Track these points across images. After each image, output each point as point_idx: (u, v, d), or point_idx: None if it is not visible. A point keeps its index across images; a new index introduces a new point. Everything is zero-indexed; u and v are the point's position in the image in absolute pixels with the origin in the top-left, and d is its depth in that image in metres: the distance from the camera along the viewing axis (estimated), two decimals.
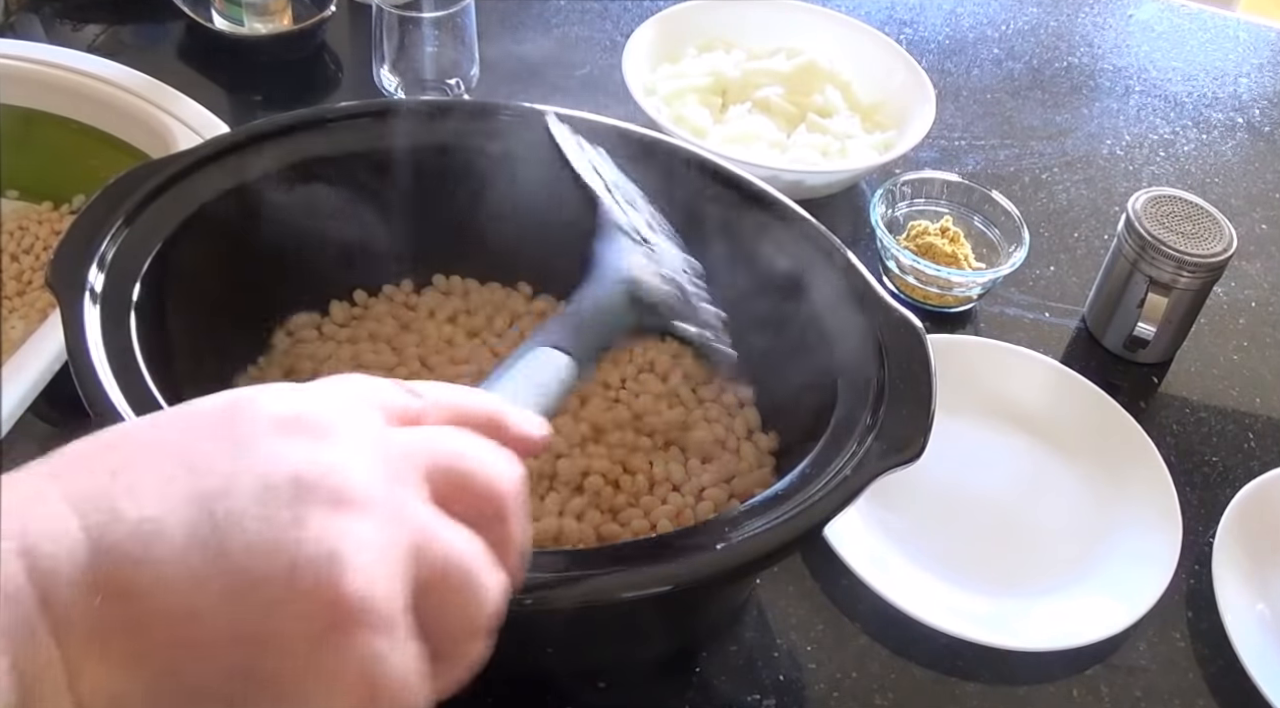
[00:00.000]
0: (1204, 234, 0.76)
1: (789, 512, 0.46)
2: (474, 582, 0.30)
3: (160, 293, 0.53)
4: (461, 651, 0.30)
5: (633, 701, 0.58)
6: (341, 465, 0.28)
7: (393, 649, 0.27)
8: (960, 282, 0.79)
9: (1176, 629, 0.65)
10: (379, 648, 0.27)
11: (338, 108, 0.64)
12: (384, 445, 0.30)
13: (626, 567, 0.44)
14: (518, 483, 0.32)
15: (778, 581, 0.63)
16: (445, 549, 0.29)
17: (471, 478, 0.31)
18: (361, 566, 0.27)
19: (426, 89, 0.88)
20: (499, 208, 0.66)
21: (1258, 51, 1.16)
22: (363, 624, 0.26)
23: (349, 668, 0.26)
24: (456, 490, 0.31)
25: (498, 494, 0.31)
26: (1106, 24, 1.17)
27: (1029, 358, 0.76)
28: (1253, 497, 0.68)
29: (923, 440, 0.50)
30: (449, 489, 0.30)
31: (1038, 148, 0.99)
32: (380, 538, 0.27)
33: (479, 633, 0.30)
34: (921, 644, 0.61)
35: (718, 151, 0.71)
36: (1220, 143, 1.03)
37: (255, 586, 0.26)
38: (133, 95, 0.75)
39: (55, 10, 0.96)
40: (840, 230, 0.62)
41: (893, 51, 0.96)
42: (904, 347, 0.54)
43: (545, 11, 1.05)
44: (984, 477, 0.71)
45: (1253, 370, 0.82)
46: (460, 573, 0.29)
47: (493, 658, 0.32)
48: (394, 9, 0.85)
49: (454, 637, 0.30)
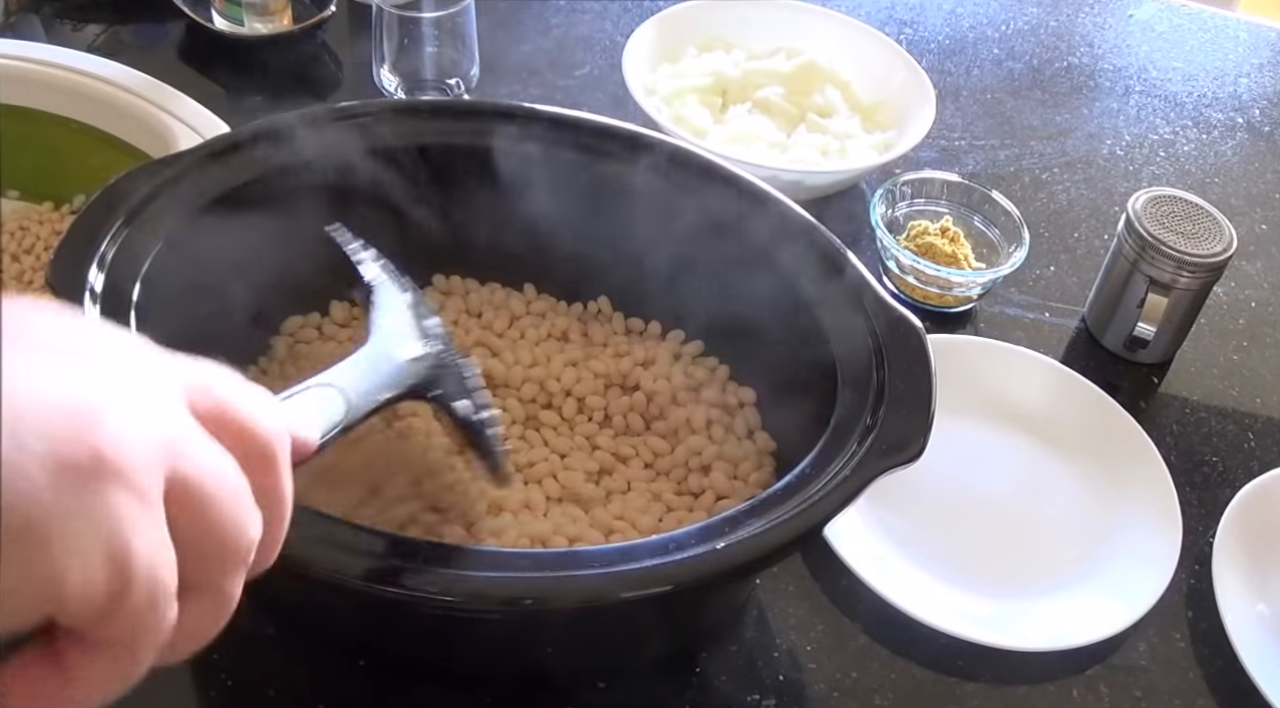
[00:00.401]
0: (1204, 234, 0.76)
1: (789, 512, 0.46)
2: (230, 500, 0.29)
3: (160, 293, 0.53)
4: (213, 578, 0.29)
5: (633, 701, 0.58)
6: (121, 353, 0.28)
7: (141, 515, 0.26)
8: (960, 282, 0.79)
9: (1176, 629, 0.65)
10: (128, 508, 0.26)
11: (338, 107, 0.64)
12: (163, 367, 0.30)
13: (626, 567, 0.44)
14: (284, 438, 0.32)
15: (778, 581, 0.63)
16: (203, 456, 0.29)
17: (240, 417, 0.30)
18: (120, 423, 0.26)
19: (426, 89, 0.88)
20: (499, 208, 0.66)
21: (1258, 51, 1.16)
22: (114, 480, 0.26)
23: (96, 520, 0.26)
24: (222, 425, 0.30)
25: (263, 437, 0.31)
26: (1106, 24, 1.17)
27: (1029, 358, 0.76)
28: (1253, 497, 0.68)
29: (923, 441, 0.50)
30: (215, 422, 0.30)
31: (1038, 148, 0.99)
32: (142, 414, 0.27)
33: (232, 563, 0.29)
34: (921, 644, 0.61)
35: (718, 151, 0.71)
36: (1220, 143, 1.03)
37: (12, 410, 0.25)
38: (133, 95, 0.75)
39: (55, 10, 0.96)
40: (840, 230, 0.62)
41: (893, 51, 0.96)
42: (904, 347, 0.54)
43: (545, 11, 1.05)
44: (984, 477, 0.71)
45: (1253, 370, 0.82)
46: (215, 485, 0.29)
47: (493, 658, 0.32)
48: (394, 9, 0.85)
49: (204, 556, 0.29)
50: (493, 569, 0.43)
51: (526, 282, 0.70)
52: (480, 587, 0.43)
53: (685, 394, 0.64)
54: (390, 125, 0.63)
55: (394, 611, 0.49)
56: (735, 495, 0.59)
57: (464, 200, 0.65)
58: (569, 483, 0.59)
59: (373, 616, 0.52)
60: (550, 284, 0.70)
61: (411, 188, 0.64)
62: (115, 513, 0.26)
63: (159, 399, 0.28)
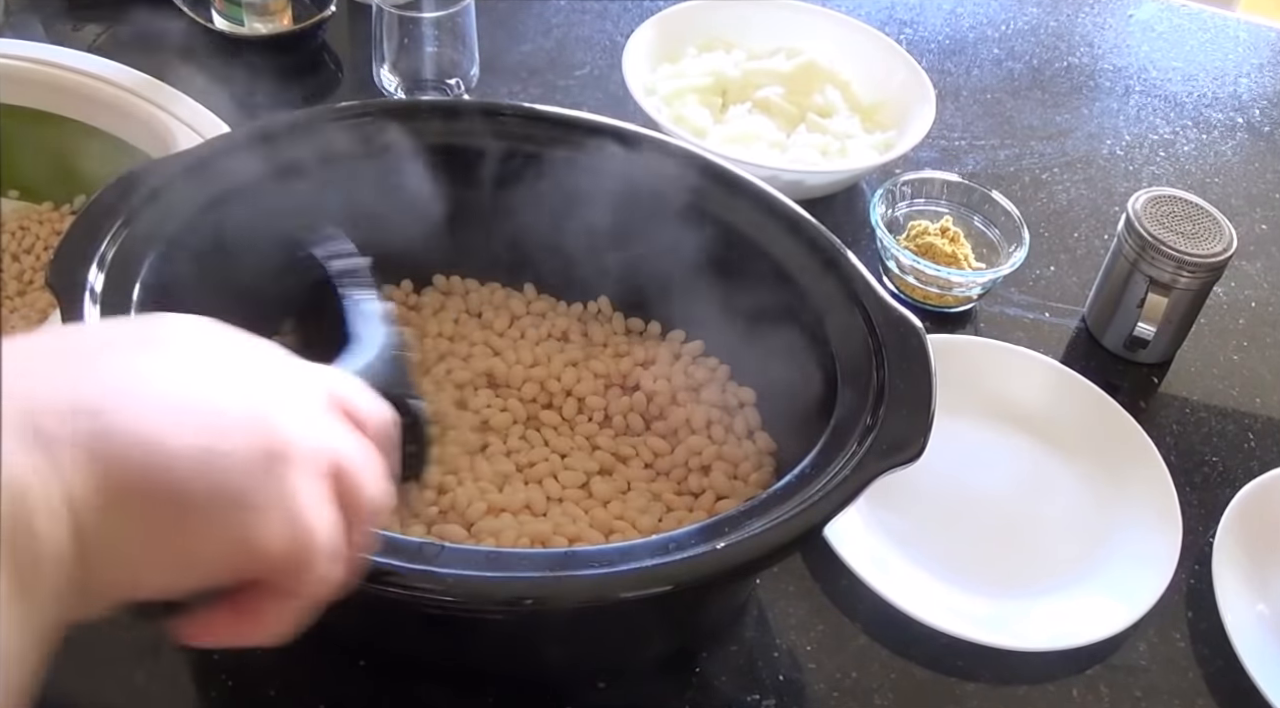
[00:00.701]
0: (1204, 234, 0.76)
1: (789, 512, 0.46)
2: (374, 476, 0.37)
3: (160, 293, 0.53)
4: (355, 532, 0.36)
5: (633, 701, 0.58)
6: (299, 385, 0.36)
7: (314, 491, 0.34)
8: (960, 282, 0.79)
9: (1176, 629, 0.65)
10: (305, 486, 0.33)
11: (338, 108, 0.64)
12: (305, 372, 0.37)
13: (626, 567, 0.44)
14: (391, 424, 0.40)
15: (778, 581, 0.63)
16: (351, 443, 0.36)
17: (361, 411, 0.38)
18: (292, 421, 0.34)
19: (426, 89, 0.88)
20: (500, 208, 0.66)
21: (1258, 51, 1.16)
22: (293, 465, 0.33)
23: (283, 496, 0.32)
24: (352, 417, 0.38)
25: (382, 424, 0.39)
26: (1106, 24, 1.17)
27: (1029, 358, 0.76)
28: (1253, 497, 0.68)
29: (923, 441, 0.50)
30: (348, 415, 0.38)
31: (1038, 148, 0.99)
32: (306, 413, 0.35)
33: (368, 520, 0.37)
34: (921, 644, 0.61)
35: (718, 151, 0.71)
36: (1220, 143, 1.03)
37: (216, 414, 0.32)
38: (133, 95, 0.75)
39: (55, 10, 0.96)
40: (840, 230, 0.62)
41: (893, 51, 0.96)
42: (904, 347, 0.54)
43: (545, 11, 1.05)
44: (984, 477, 0.71)
45: (1253, 370, 0.82)
46: (363, 465, 0.36)
47: (493, 658, 0.32)
48: (394, 9, 0.85)
49: (357, 521, 0.36)
50: (493, 569, 0.43)
51: (526, 282, 0.70)
52: (480, 587, 0.43)
53: (685, 394, 0.64)
54: (390, 126, 0.63)
55: (394, 611, 0.49)
56: (735, 496, 0.59)
57: (464, 200, 0.65)
58: (569, 483, 0.60)
59: (373, 615, 0.52)
60: (550, 284, 0.70)
61: (412, 187, 0.64)
62: (295, 489, 0.33)
63: (313, 400, 0.36)
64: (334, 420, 0.36)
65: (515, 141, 0.65)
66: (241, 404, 0.33)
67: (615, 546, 0.46)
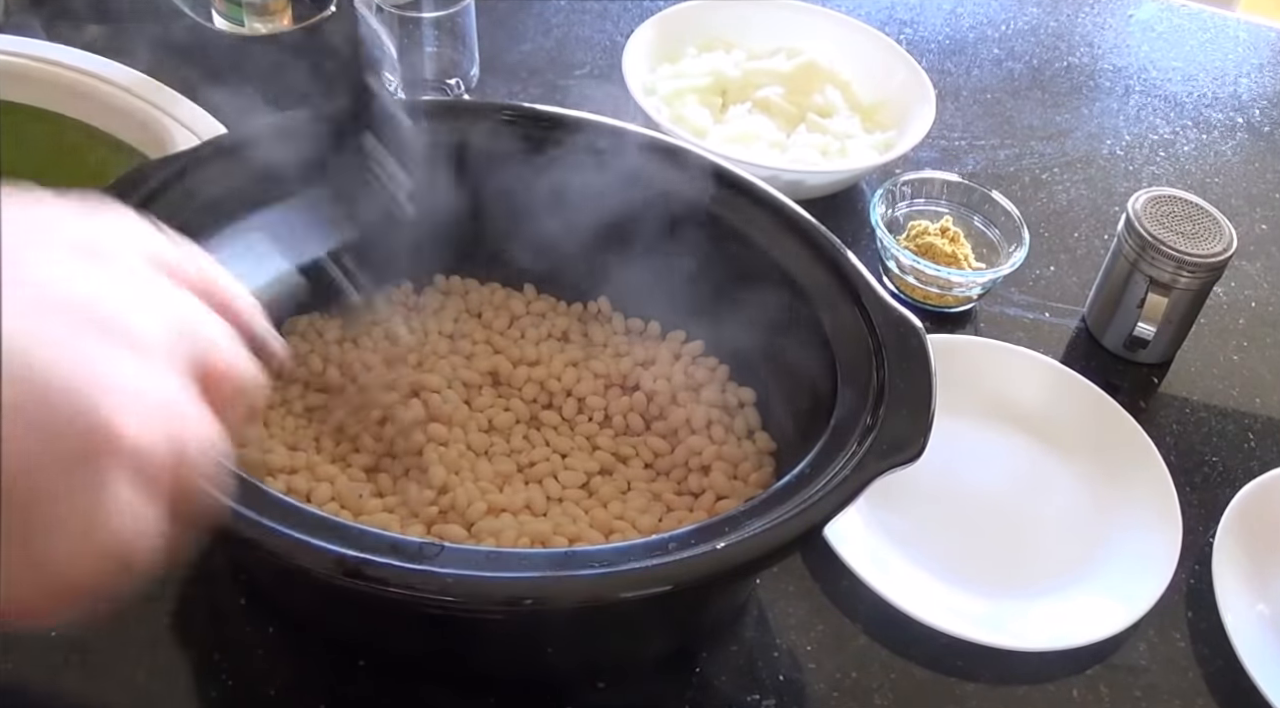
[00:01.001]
0: (1204, 234, 0.76)
1: (789, 512, 0.46)
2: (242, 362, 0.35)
3: None
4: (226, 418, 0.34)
5: (633, 701, 0.58)
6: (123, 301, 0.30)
7: (134, 496, 0.28)
8: (960, 282, 0.79)
9: (1176, 629, 0.65)
10: (123, 491, 0.27)
11: (338, 108, 0.64)
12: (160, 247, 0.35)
13: (626, 567, 0.44)
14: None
15: (778, 581, 0.63)
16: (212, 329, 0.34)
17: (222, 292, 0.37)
18: (120, 402, 0.27)
19: (426, 89, 0.88)
20: (500, 208, 0.66)
21: (1258, 51, 1.16)
22: (115, 461, 0.27)
23: (97, 499, 0.27)
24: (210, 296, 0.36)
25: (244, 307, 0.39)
26: (1106, 24, 1.17)
27: (1029, 358, 0.76)
28: (1253, 497, 0.68)
29: (923, 441, 0.50)
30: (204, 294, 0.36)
31: (1038, 148, 0.99)
32: (145, 379, 0.29)
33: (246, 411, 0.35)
34: (921, 644, 0.61)
35: (718, 152, 0.71)
36: (1220, 143, 1.03)
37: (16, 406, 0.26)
38: (133, 95, 0.75)
39: (55, 9, 0.96)
40: (840, 230, 0.62)
41: (893, 51, 0.96)
42: (904, 347, 0.54)
43: (545, 11, 1.05)
44: (984, 477, 0.71)
45: (1253, 370, 0.82)
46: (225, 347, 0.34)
47: (493, 658, 0.32)
48: (394, 9, 0.85)
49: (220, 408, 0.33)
50: (493, 569, 0.43)
51: (526, 282, 0.70)
52: (480, 587, 0.43)
53: (685, 394, 0.64)
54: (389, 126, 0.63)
55: (394, 611, 0.49)
56: (735, 496, 0.59)
57: (464, 200, 0.65)
58: (569, 483, 0.59)
59: (373, 616, 0.52)
60: (550, 284, 0.70)
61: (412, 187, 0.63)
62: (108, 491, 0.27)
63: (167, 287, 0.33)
64: (192, 302, 0.34)
65: (515, 141, 0.65)
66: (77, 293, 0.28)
67: (615, 545, 0.46)
